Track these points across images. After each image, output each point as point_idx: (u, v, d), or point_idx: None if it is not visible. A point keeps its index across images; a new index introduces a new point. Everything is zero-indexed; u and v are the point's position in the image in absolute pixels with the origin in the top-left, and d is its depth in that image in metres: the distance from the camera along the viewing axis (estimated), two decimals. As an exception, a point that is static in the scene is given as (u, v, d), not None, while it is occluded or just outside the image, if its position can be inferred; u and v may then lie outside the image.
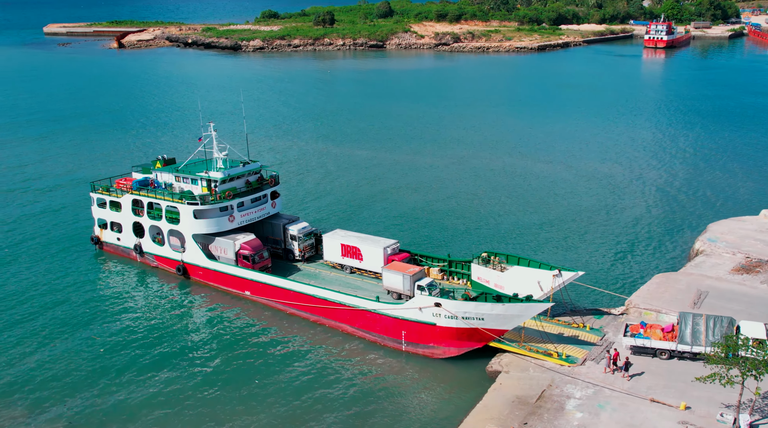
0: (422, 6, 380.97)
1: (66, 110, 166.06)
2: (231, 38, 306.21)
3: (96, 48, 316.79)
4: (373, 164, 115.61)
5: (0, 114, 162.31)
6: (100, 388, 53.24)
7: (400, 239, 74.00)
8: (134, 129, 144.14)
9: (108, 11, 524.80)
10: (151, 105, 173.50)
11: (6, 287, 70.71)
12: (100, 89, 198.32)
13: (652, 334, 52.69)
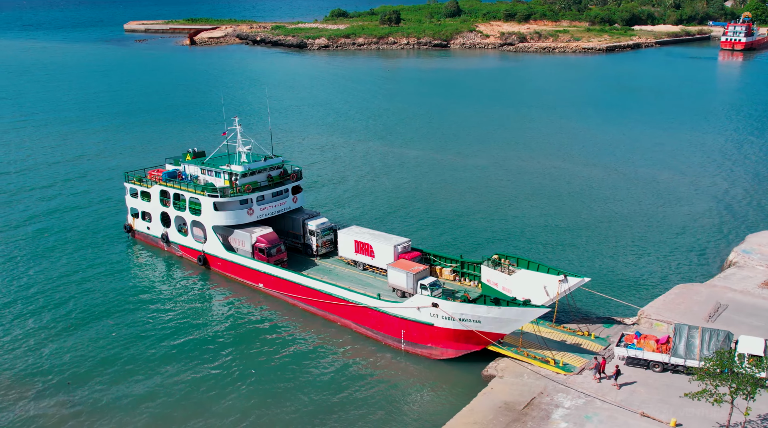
0: (491, 5, 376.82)
1: (132, 104, 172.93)
2: (297, 36, 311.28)
3: (169, 45, 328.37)
4: (418, 164, 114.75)
5: (73, 107, 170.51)
6: (110, 373, 55.22)
7: (424, 239, 73.75)
8: (191, 123, 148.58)
9: (187, 9, 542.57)
10: (210, 99, 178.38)
11: (43, 270, 74.29)
12: (166, 84, 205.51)
13: (646, 345, 50.56)
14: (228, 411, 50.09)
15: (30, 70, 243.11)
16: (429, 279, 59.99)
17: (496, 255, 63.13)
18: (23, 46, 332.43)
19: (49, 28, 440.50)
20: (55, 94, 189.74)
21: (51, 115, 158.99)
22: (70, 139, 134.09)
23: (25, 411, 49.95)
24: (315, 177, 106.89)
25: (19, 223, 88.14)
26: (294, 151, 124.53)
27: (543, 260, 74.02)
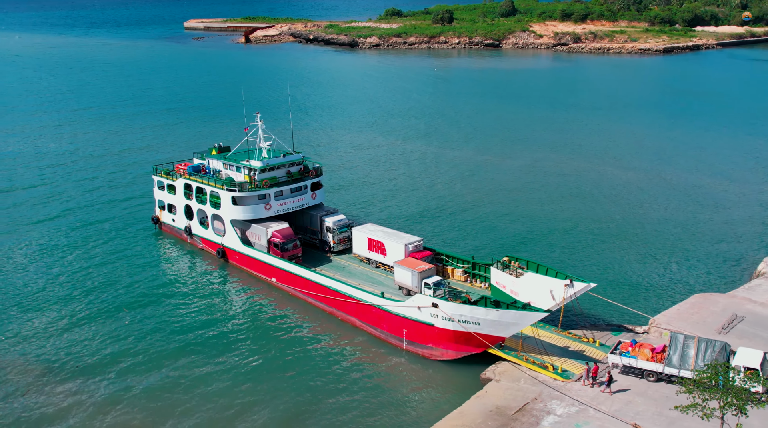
0: (547, 5, 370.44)
1: (181, 100, 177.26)
2: (349, 35, 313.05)
3: (225, 42, 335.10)
4: (456, 165, 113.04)
5: (124, 103, 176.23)
6: (127, 361, 56.88)
7: (447, 240, 73.12)
8: (234, 118, 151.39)
9: (246, 8, 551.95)
10: (255, 96, 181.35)
11: (74, 257, 77.03)
12: (217, 81, 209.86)
13: (640, 354, 48.95)
14: (222, 399, 50.86)
15: (91, 66, 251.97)
16: (434, 278, 59.55)
17: (506, 257, 62.19)
18: (88, 42, 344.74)
19: (114, 25, 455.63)
20: (109, 90, 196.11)
21: (103, 111, 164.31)
22: (119, 133, 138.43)
23: (36, 398, 51.44)
24: (350, 175, 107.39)
25: (59, 213, 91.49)
26: (332, 148, 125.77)
27: (564, 264, 72.91)
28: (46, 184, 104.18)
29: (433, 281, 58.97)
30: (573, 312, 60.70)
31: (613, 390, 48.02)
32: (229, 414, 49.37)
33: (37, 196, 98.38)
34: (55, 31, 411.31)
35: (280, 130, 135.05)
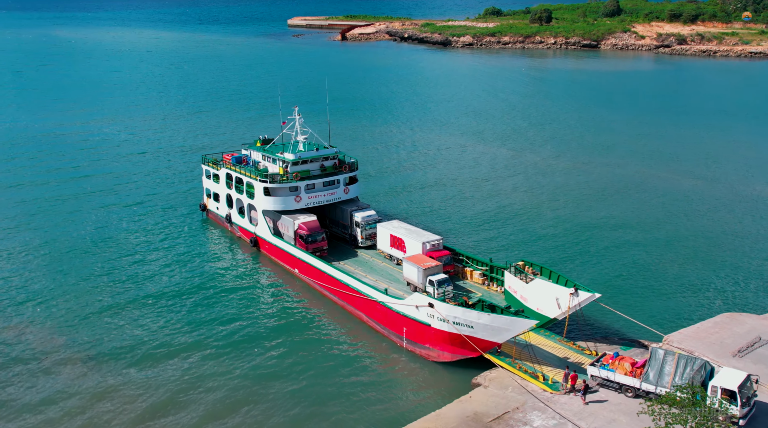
0: (655, 5, 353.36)
1: (266, 95, 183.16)
2: (443, 34, 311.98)
3: (322, 40, 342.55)
4: (527, 168, 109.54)
5: (211, 95, 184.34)
6: (143, 337, 60.06)
7: (483, 242, 71.97)
8: (314, 115, 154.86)
9: (348, 6, 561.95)
10: (337, 92, 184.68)
11: (122, 239, 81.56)
12: (306, 77, 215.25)
13: (619, 368, 46.26)
14: (217, 384, 52.43)
15: (194, 60, 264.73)
16: (439, 276, 58.96)
17: (521, 261, 60.36)
18: (195, 38, 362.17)
19: (222, 22, 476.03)
20: (204, 84, 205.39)
21: (196, 104, 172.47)
22: (200, 125, 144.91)
23: (57, 380, 54.62)
24: (406, 174, 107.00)
25: (121, 198, 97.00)
26: (397, 146, 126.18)
27: (594, 272, 70.16)
28: (119, 169, 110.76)
29: (437, 279, 58.32)
30: (584, 322, 58.31)
31: (587, 400, 46.12)
32: (213, 390, 50.96)
33: (112, 179, 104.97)
34: (169, 27, 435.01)
35: (345, 127, 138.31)
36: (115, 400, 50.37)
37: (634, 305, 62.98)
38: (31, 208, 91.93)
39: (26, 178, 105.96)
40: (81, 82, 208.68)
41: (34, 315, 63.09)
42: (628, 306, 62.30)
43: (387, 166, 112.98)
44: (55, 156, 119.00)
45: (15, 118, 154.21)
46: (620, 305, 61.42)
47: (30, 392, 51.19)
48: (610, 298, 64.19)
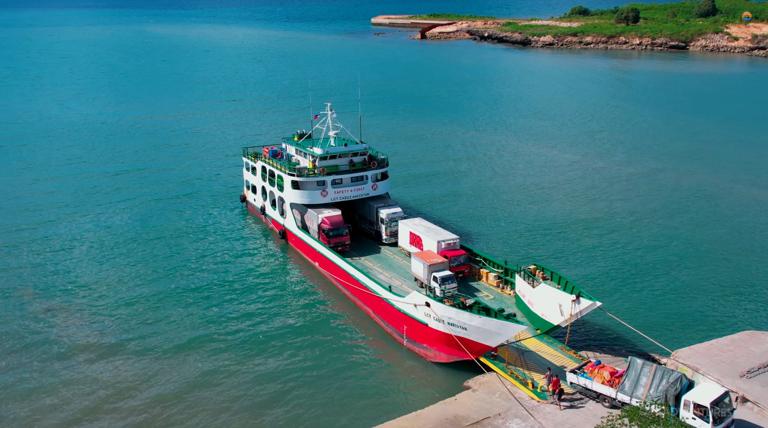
0: (756, 5, 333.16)
1: (334, 92, 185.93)
2: (523, 33, 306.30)
3: (402, 38, 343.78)
4: (584, 174, 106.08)
5: (275, 91, 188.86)
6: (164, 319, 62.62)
7: (521, 251, 71.72)
8: (378, 113, 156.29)
9: (436, 5, 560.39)
10: (403, 90, 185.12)
11: (162, 227, 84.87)
12: (378, 74, 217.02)
13: (597, 376, 44.42)
14: (216, 368, 53.89)
15: (276, 57, 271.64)
16: (444, 272, 58.73)
17: (533, 265, 58.81)
18: (281, 36, 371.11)
19: (308, 20, 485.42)
20: (278, 79, 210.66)
21: (262, 100, 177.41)
22: (266, 119, 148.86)
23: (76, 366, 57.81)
24: (464, 176, 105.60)
25: (172, 187, 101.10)
26: (459, 145, 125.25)
27: (620, 283, 67.48)
28: (177, 160, 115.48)
29: (442, 275, 58.22)
30: (586, 330, 56.31)
31: (563, 406, 44.97)
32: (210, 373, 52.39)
33: (167, 168, 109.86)
34: (257, 25, 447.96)
35: (406, 125, 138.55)
36: (136, 384, 52.60)
37: (650, 316, 60.23)
38: (86, 195, 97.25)
39: (88, 166, 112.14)
40: (166, 77, 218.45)
41: (70, 295, 66.57)
42: (645, 317, 59.77)
43: (435, 165, 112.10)
44: (125, 147, 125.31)
45: (95, 108, 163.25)
46: (633, 315, 59.13)
47: (50, 374, 53.57)
48: (628, 308, 61.80)
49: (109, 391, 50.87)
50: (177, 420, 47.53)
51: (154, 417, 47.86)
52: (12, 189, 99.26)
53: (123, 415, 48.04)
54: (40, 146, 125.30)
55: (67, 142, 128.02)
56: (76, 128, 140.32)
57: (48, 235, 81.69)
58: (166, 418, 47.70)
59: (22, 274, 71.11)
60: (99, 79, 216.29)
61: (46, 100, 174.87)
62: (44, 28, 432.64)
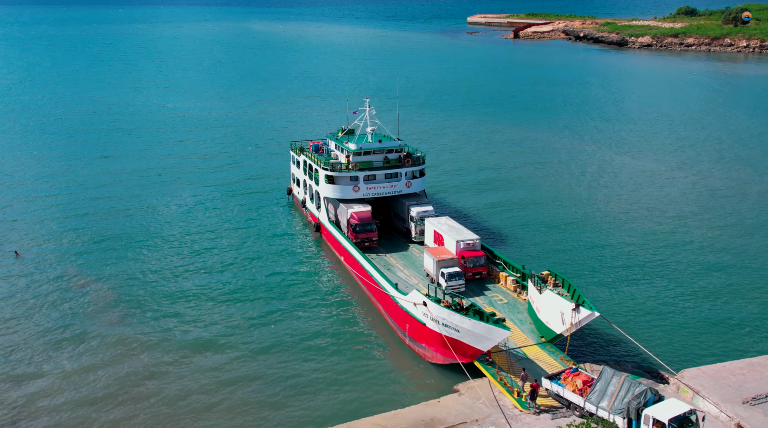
0: None
1: (407, 90, 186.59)
2: (620, 33, 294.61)
3: (494, 38, 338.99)
4: (657, 182, 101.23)
5: (344, 87, 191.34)
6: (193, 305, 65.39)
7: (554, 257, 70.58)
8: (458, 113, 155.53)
9: (536, 5, 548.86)
10: (487, 91, 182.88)
11: (211, 215, 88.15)
12: (450, 73, 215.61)
13: (569, 384, 42.93)
14: (221, 356, 55.56)
15: (369, 55, 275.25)
16: (452, 269, 58.45)
17: (547, 271, 56.84)
18: (374, 33, 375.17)
19: (405, 19, 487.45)
20: (356, 76, 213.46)
21: (350, 98, 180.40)
22: (330, 114, 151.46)
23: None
24: (522, 180, 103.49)
25: (226, 177, 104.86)
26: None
27: (643, 294, 63.87)
28: (241, 152, 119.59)
29: (449, 272, 58.24)
30: (599, 342, 53.80)
31: (536, 408, 44.08)
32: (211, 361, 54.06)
33: (229, 157, 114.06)
34: (357, 23, 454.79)
35: (479, 125, 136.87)
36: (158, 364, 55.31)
37: (664, 333, 56.79)
38: (151, 179, 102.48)
39: (158, 156, 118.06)
40: (258, 72, 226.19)
41: (107, 274, 70.59)
42: (658, 333, 56.53)
43: (499, 168, 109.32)
44: (203, 138, 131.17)
45: (186, 102, 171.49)
46: (644, 331, 56.03)
47: (75, 357, 56.54)
48: (651, 323, 58.58)
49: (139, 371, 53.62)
50: (181, 378, 49.48)
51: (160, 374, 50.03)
52: (82, 175, 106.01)
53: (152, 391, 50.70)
54: (119, 135, 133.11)
55: (151, 133, 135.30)
56: (163, 120, 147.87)
57: (110, 221, 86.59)
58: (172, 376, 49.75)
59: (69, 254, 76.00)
60: (194, 73, 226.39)
61: (144, 93, 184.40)
62: (156, 24, 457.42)
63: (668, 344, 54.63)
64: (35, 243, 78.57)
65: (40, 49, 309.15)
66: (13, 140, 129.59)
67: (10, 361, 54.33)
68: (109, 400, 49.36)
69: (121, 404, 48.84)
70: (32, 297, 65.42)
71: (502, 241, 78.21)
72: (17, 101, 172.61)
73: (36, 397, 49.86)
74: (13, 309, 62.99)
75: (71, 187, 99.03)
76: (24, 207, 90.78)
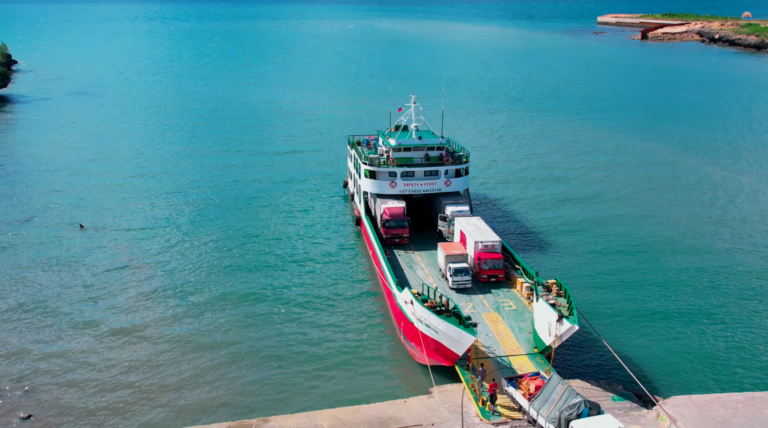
0: None
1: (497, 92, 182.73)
2: (760, 36, 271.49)
3: (620, 38, 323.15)
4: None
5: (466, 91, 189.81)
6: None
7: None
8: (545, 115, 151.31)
9: (675, 5, 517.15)
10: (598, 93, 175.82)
11: (266, 206, 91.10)
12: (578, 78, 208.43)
13: (523, 387, 41.89)
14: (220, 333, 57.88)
15: (495, 54, 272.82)
16: (459, 264, 58.38)
17: (553, 279, 54.38)
18: (504, 33, 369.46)
19: (533, 18, 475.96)
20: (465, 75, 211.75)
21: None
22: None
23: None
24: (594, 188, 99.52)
25: (298, 168, 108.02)
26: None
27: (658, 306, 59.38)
28: (306, 144, 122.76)
29: (455, 267, 58.35)
30: (594, 357, 50.69)
31: (494, 411, 43.12)
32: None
33: (302, 149, 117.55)
34: (482, 21, 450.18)
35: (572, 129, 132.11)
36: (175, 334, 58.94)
37: (670, 355, 52.53)
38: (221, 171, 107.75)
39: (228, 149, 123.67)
40: (368, 69, 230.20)
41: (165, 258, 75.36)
42: (663, 355, 52.35)
43: (577, 175, 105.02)
44: (290, 130, 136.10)
45: (297, 97, 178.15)
46: (646, 350, 52.08)
47: (123, 318, 61.36)
48: (651, 342, 54.58)
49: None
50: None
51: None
52: (164, 158, 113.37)
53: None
54: (216, 124, 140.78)
55: (250, 121, 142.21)
56: (265, 112, 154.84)
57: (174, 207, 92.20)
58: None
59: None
60: (327, 69, 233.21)
61: (257, 88, 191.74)
62: (301, 21, 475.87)
63: (669, 367, 50.43)
64: (99, 219, 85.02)
65: (179, 43, 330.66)
66: (132, 125, 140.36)
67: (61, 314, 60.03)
68: (175, 352, 54.33)
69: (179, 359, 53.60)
70: (87, 265, 71.31)
71: (541, 248, 75.16)
72: (154, 88, 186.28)
73: (92, 350, 55.22)
74: (67, 275, 68.99)
75: (157, 169, 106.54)
76: (105, 186, 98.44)
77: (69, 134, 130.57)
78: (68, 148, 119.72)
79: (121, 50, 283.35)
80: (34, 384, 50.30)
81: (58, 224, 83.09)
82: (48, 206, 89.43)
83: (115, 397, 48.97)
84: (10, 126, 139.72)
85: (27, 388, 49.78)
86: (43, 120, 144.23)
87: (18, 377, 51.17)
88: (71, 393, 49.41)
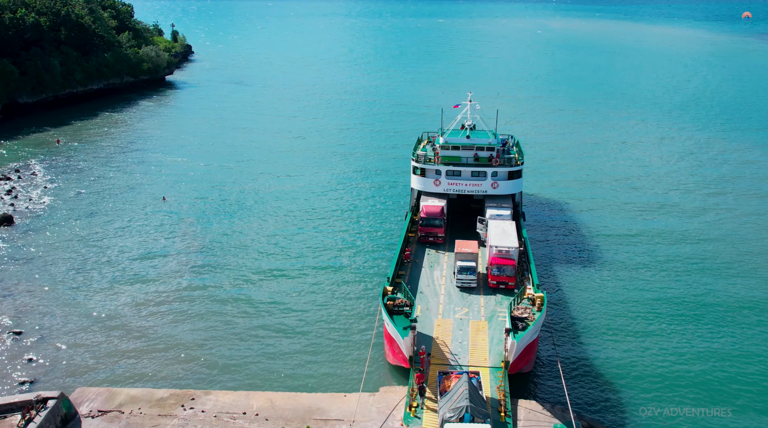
0: None
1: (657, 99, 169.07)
2: None
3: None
4: None
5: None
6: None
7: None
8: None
9: None
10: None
11: (333, 202, 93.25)
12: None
13: (443, 384, 42.12)
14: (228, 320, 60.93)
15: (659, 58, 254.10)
16: (467, 263, 58.07)
17: (540, 293, 50.96)
18: (697, 36, 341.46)
19: (708, 19, 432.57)
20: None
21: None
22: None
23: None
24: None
25: (365, 171, 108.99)
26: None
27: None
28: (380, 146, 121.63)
29: (461, 265, 58.15)
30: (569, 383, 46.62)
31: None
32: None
33: (352, 151, 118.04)
34: (680, 23, 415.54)
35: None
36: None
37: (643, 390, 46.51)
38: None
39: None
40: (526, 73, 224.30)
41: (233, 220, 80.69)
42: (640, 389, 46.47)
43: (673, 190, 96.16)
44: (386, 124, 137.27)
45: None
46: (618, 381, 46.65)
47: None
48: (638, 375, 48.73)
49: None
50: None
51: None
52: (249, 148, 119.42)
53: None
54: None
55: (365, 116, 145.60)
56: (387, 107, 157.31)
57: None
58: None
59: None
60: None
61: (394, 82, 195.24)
62: (493, 19, 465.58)
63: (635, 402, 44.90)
64: (180, 194, 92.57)
65: (359, 39, 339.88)
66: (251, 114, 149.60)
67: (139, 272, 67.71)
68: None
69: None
70: (166, 233, 79.12)
71: (581, 263, 69.66)
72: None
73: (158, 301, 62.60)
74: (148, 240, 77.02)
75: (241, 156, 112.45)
76: (190, 168, 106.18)
77: (205, 119, 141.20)
78: (196, 133, 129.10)
79: (295, 45, 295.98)
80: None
81: (147, 196, 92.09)
82: (141, 182, 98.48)
83: (87, 338, 55.83)
84: (160, 109, 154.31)
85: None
86: (188, 107, 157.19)
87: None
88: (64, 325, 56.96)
